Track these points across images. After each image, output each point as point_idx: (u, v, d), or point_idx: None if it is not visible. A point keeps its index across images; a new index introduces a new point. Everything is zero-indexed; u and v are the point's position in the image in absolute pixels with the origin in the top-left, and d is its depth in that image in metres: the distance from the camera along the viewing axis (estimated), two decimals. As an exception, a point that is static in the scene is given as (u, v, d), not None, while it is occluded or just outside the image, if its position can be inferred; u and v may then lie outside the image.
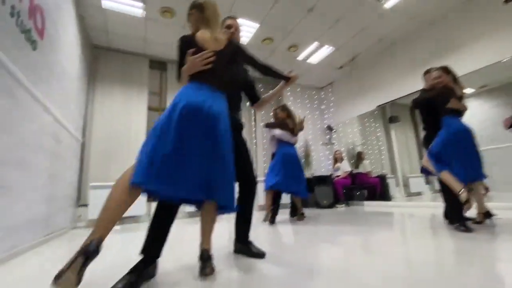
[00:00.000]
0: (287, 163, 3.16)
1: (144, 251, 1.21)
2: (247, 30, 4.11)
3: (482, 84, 5.00)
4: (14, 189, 1.80)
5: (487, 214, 2.19)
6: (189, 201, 1.29)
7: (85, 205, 3.62)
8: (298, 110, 6.01)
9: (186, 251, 1.76)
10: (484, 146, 4.29)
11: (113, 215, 1.01)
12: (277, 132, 3.25)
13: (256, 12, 3.72)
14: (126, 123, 4.22)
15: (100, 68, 4.25)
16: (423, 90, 2.85)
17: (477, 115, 4.95)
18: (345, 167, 5.34)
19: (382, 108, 5.31)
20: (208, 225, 1.28)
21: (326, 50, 4.78)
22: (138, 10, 3.55)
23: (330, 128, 6.13)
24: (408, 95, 4.56)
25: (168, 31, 4.01)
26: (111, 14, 3.58)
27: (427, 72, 2.84)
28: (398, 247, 1.66)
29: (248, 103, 1.93)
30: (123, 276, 1.08)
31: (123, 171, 1.10)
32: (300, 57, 4.92)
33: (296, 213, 3.48)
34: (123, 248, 2.10)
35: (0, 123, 1.62)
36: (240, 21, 3.94)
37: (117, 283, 1.04)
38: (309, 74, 5.69)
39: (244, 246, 1.57)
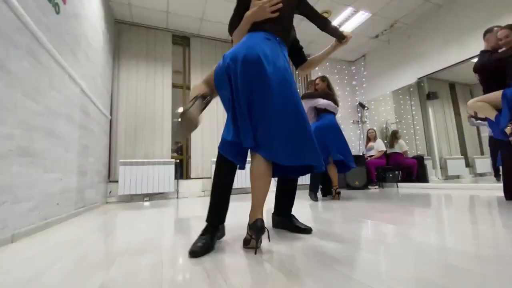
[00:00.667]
0: (338, 132, 3.03)
1: (210, 219, 1.17)
2: (275, -4, 3.76)
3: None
4: (44, 158, 1.75)
5: None
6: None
7: (116, 181, 3.66)
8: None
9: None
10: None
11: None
12: (322, 101, 3.05)
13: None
14: (151, 100, 4.15)
15: (124, 44, 4.15)
16: (483, 52, 2.44)
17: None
18: (380, 146, 4.96)
19: (419, 83, 4.80)
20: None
21: (361, 16, 4.30)
22: (160, -23, 3.34)
23: (362, 106, 5.70)
24: (453, 65, 4.05)
25: (191, 2, 3.78)
26: (132, -16, 3.41)
27: (488, 31, 2.43)
28: (458, 224, 1.41)
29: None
30: (198, 238, 1.10)
31: (149, 148, 0.97)
32: (333, 24, 4.47)
33: (328, 192, 3.27)
34: (155, 223, 2.02)
35: (27, 89, 1.54)
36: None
37: (196, 242, 1.06)
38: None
39: (286, 220, 1.40)
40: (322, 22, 1.40)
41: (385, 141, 5.33)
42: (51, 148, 1.86)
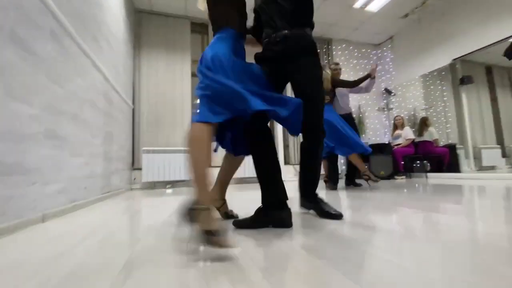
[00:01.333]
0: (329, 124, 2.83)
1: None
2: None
3: None
4: (70, 142, 1.78)
5: None
6: None
7: (139, 169, 3.74)
8: (350, 72, 5.37)
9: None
10: None
11: None
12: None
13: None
14: (171, 89, 4.17)
15: (144, 33, 4.17)
16: None
17: None
18: (408, 134, 4.68)
19: (453, 66, 4.42)
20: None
21: (389, -7, 4.00)
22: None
23: (388, 91, 5.39)
24: (492, 44, 3.68)
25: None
26: (151, -30, 3.37)
27: None
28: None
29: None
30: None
31: (170, 136, 0.91)
32: (358, 3, 4.19)
33: (352, 182, 3.13)
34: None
35: (52, 73, 1.55)
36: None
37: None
38: (364, 27, 4.93)
39: (312, 204, 1.32)
40: None
41: (413, 129, 5.01)
42: (77, 133, 1.89)
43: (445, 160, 4.61)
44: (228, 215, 1.33)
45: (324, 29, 4.92)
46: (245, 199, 2.19)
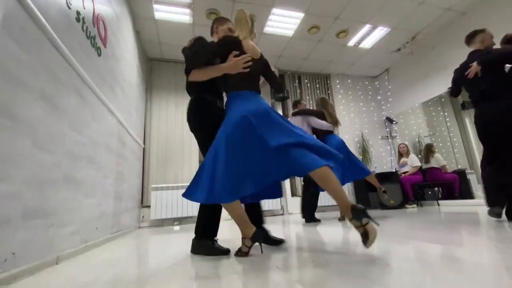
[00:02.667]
0: None
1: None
2: (291, 22, 3.94)
3: None
4: (85, 185, 1.90)
5: None
6: None
7: (148, 206, 3.81)
8: (350, 103, 5.57)
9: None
10: None
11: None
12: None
13: (299, 1, 3.54)
14: (180, 129, 4.41)
15: (155, 78, 4.54)
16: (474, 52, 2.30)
17: None
18: (414, 161, 4.67)
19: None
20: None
21: (380, 32, 4.32)
22: (185, 16, 3.69)
23: (390, 120, 5.51)
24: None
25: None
26: (162, 24, 3.79)
27: (480, 31, 2.37)
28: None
29: None
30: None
31: (178, 173, 1.05)
32: (351, 42, 4.53)
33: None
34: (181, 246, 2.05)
35: (73, 122, 1.73)
36: (284, 11, 3.81)
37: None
38: (360, 62, 5.23)
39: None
40: (277, 86, 1.78)
41: (419, 156, 5.01)
42: (92, 175, 2.02)
43: (455, 186, 4.52)
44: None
45: (322, 65, 5.24)
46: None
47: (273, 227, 2.56)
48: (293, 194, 4.77)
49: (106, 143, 2.36)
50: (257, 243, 1.34)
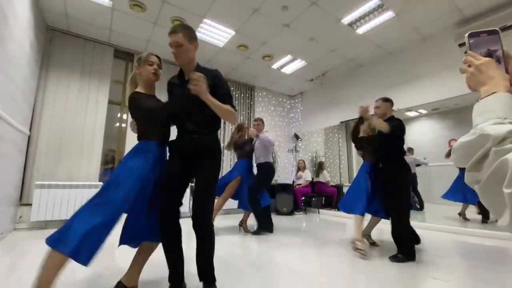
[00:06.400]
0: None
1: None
2: (222, 35, 4.01)
3: (434, 107, 5.50)
4: None
5: None
6: None
7: (28, 205, 3.31)
8: (268, 116, 6.10)
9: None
10: (433, 162, 4.81)
11: None
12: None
13: (232, 21, 3.66)
14: (81, 119, 3.88)
15: (55, 52, 3.83)
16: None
17: (429, 133, 5.42)
18: (307, 176, 5.60)
19: (341, 125, 5.63)
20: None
21: (298, 63, 4.87)
22: (104, -2, 3.26)
23: (296, 137, 6.33)
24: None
25: (137, 25, 3.75)
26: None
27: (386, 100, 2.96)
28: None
29: None
30: None
31: (74, 169, 1.06)
32: (275, 66, 4.96)
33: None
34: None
35: None
36: (215, 24, 3.86)
37: None
38: (281, 82, 5.78)
39: None
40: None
41: (313, 168, 6.01)
42: None
43: (334, 198, 5.68)
44: None
45: (248, 78, 5.54)
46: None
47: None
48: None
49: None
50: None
